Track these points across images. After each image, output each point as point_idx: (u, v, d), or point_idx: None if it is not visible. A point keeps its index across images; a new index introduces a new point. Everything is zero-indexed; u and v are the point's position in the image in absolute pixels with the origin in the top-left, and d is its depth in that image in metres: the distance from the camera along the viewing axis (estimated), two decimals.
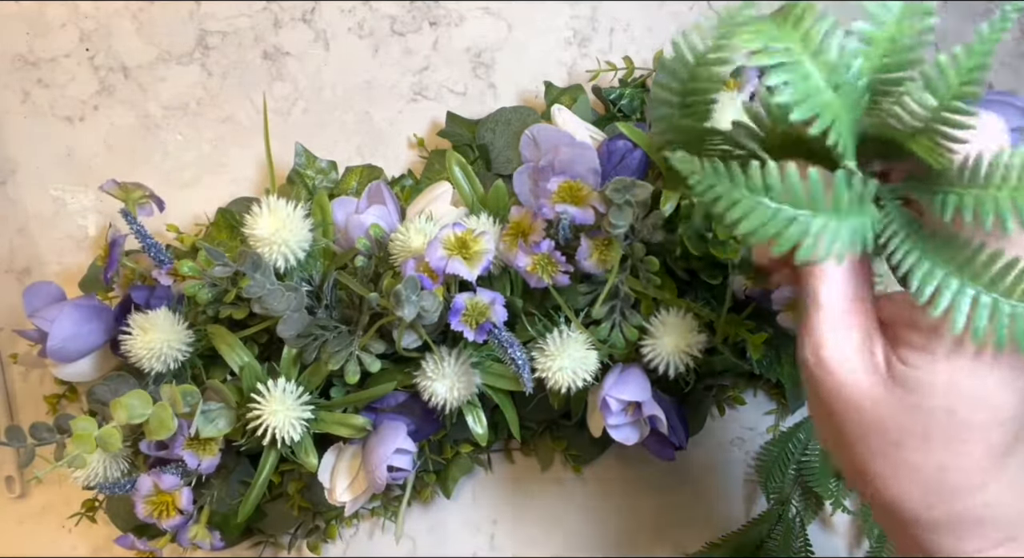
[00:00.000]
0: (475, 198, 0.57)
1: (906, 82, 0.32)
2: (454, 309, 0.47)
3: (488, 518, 0.67)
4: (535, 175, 0.53)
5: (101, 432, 0.46)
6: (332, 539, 0.65)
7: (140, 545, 0.55)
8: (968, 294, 0.30)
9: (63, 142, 0.64)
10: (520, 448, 0.67)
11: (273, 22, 0.66)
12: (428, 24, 0.67)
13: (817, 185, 0.29)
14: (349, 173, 0.63)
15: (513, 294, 0.52)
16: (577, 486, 0.67)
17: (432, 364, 0.51)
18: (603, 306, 0.50)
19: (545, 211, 0.48)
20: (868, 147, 0.33)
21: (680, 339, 0.49)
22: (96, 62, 0.64)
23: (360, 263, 0.52)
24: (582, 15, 0.67)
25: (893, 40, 0.32)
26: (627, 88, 0.62)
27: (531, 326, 0.52)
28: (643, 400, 0.50)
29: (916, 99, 0.31)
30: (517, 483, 0.67)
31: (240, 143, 0.65)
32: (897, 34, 0.32)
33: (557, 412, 0.58)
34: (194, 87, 0.65)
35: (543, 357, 0.49)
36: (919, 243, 0.32)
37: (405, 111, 0.66)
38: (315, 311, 0.52)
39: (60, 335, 0.52)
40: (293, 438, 0.51)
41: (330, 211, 0.56)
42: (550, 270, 0.49)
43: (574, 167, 0.51)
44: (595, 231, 0.48)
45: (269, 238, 0.49)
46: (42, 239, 0.63)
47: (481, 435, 0.54)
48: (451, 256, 0.47)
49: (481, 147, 0.62)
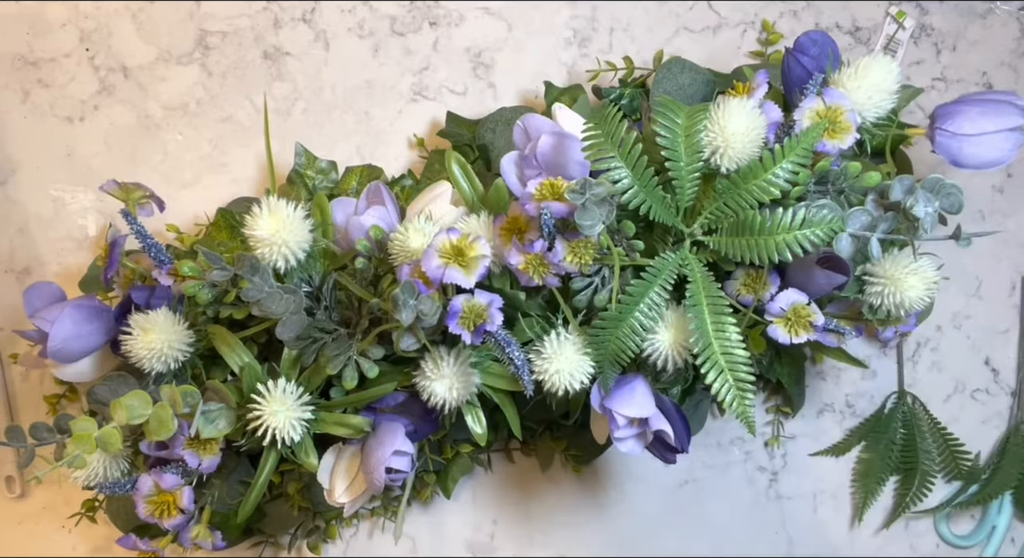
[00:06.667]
0: (475, 198, 0.57)
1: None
2: (451, 312, 0.47)
3: (488, 518, 0.67)
4: (520, 163, 0.53)
5: (101, 432, 0.46)
6: (332, 539, 0.65)
7: (142, 545, 0.55)
8: None
9: (63, 142, 0.64)
10: (520, 448, 0.67)
11: (273, 22, 0.66)
12: (428, 24, 0.66)
13: None
14: (349, 173, 0.63)
15: (514, 288, 0.52)
16: (577, 486, 0.67)
17: (431, 364, 0.51)
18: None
19: (528, 208, 0.48)
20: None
21: (679, 334, 0.49)
22: (96, 62, 0.64)
23: (360, 265, 0.52)
24: (582, 15, 0.67)
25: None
26: (627, 88, 0.62)
27: (529, 329, 0.52)
28: (649, 415, 0.50)
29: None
30: (517, 483, 0.67)
31: (240, 143, 0.65)
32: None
33: (556, 412, 0.58)
34: (194, 87, 0.65)
35: (540, 360, 0.49)
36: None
37: (405, 111, 0.66)
38: (314, 312, 0.52)
39: (60, 335, 0.51)
40: (293, 438, 0.51)
41: (329, 212, 0.56)
42: (541, 271, 0.49)
43: (555, 156, 0.51)
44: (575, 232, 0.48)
45: (269, 238, 0.49)
46: (42, 239, 0.63)
47: (481, 435, 0.54)
48: (448, 264, 0.47)
49: (481, 147, 0.62)
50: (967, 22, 0.70)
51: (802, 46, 0.56)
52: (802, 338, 0.50)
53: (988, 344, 0.70)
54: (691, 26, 0.68)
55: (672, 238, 0.51)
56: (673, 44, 0.68)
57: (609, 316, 0.48)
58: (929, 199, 0.48)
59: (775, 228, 0.47)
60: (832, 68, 0.54)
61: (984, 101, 0.53)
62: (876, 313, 0.51)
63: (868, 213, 0.49)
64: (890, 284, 0.49)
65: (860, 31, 0.69)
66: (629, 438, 0.52)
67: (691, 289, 0.48)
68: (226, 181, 0.65)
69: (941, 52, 0.70)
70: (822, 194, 0.52)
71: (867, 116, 0.53)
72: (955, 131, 0.53)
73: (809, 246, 0.46)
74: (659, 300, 0.48)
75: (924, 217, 0.47)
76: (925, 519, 0.70)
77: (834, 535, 0.69)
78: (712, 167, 0.49)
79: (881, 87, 0.52)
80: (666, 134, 0.49)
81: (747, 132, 0.49)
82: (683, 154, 0.49)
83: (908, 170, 0.63)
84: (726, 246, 0.48)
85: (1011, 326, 0.70)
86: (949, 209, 0.49)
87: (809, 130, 0.49)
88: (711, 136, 0.49)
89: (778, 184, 0.47)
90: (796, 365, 0.64)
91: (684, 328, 0.49)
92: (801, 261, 0.50)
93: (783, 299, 0.50)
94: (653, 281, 0.48)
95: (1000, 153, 0.53)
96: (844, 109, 0.51)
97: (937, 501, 0.69)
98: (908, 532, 0.70)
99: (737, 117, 0.49)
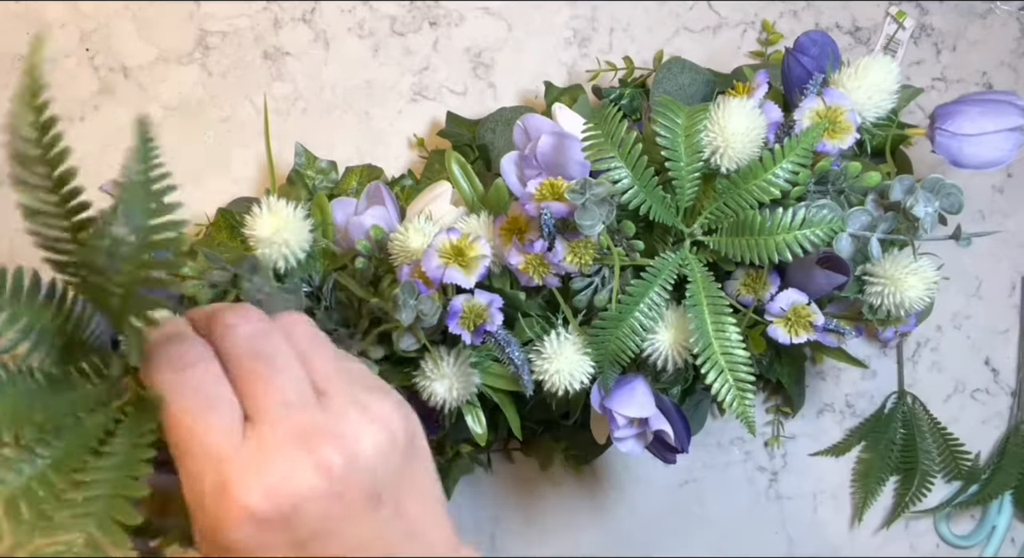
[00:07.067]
0: (475, 198, 0.57)
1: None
2: (451, 312, 0.47)
3: (488, 518, 0.67)
4: (520, 163, 0.53)
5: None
6: None
7: (140, 546, 0.55)
8: None
9: (63, 142, 0.64)
10: (520, 448, 0.67)
11: (273, 22, 0.66)
12: (428, 24, 0.66)
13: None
14: (349, 173, 0.63)
15: (514, 288, 0.52)
16: (577, 486, 0.67)
17: (431, 364, 0.51)
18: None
19: (528, 208, 0.48)
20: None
21: (679, 334, 0.49)
22: (96, 62, 0.64)
23: (360, 265, 0.52)
24: (582, 15, 0.67)
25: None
26: (627, 88, 0.62)
27: (529, 329, 0.52)
28: (649, 415, 0.50)
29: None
30: (517, 483, 0.67)
31: (240, 143, 0.65)
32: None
33: (556, 412, 0.58)
34: (194, 87, 0.65)
35: (540, 360, 0.49)
36: None
37: (405, 111, 0.66)
38: (315, 313, 0.52)
39: None
40: None
41: (330, 211, 0.56)
42: (541, 271, 0.49)
43: (555, 156, 0.51)
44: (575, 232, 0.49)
45: (270, 238, 0.49)
46: None
47: (481, 435, 0.54)
48: (448, 265, 0.47)
49: (481, 147, 0.62)
50: (967, 22, 0.70)
51: (802, 46, 0.56)
52: (802, 338, 0.50)
53: (988, 344, 0.70)
54: (691, 26, 0.68)
55: (672, 238, 0.51)
56: (673, 44, 0.68)
57: (609, 316, 0.48)
58: (929, 199, 0.48)
59: (775, 228, 0.47)
60: (832, 68, 0.54)
61: (984, 101, 0.53)
62: (876, 313, 0.51)
63: (868, 213, 0.49)
64: (890, 284, 0.49)
65: (860, 31, 0.69)
66: (629, 438, 0.52)
67: (691, 289, 0.48)
68: (226, 181, 0.65)
69: (941, 52, 0.70)
70: (822, 194, 0.52)
71: (867, 116, 0.53)
72: (955, 131, 0.53)
73: (809, 246, 0.46)
74: (659, 300, 0.48)
75: (924, 217, 0.47)
76: (925, 519, 0.70)
77: (834, 535, 0.69)
78: (712, 167, 0.49)
79: (881, 87, 0.52)
80: (666, 134, 0.49)
81: (747, 132, 0.49)
82: (683, 154, 0.49)
83: (908, 170, 0.63)
84: (726, 246, 0.48)
85: (1011, 326, 0.70)
86: (949, 209, 0.49)
87: (809, 130, 0.49)
88: (711, 136, 0.49)
89: (778, 184, 0.47)
90: (796, 365, 0.64)
91: (684, 328, 0.49)
92: (801, 261, 0.50)
93: (783, 299, 0.50)
94: (653, 281, 0.48)
95: (1000, 153, 0.53)
96: (844, 109, 0.51)
97: (937, 501, 0.69)
98: (908, 532, 0.70)
99: (737, 117, 0.49)
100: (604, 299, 0.50)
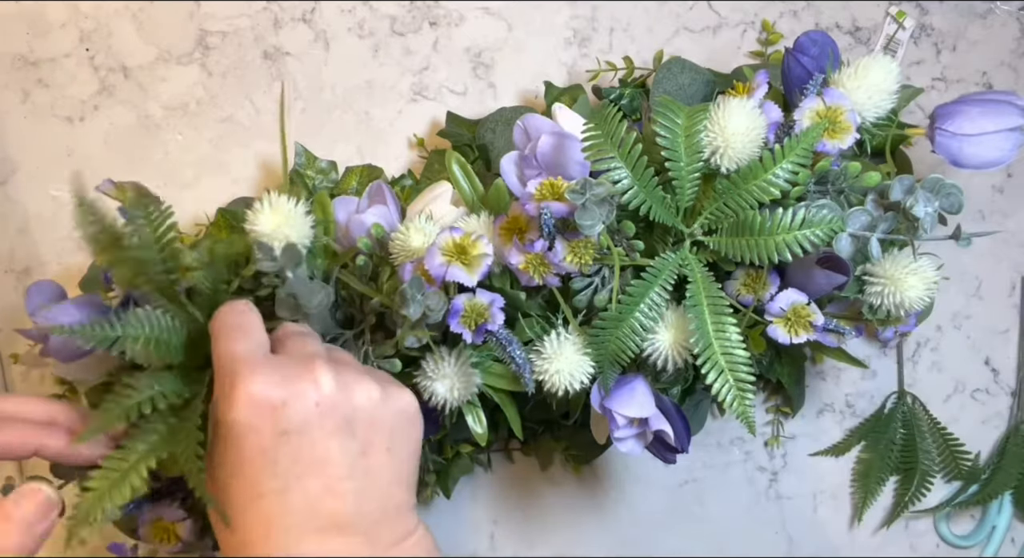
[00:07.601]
0: (475, 198, 0.57)
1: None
2: (453, 311, 0.47)
3: (488, 518, 0.67)
4: (520, 163, 0.53)
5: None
6: None
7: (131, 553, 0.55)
8: None
9: (63, 142, 0.64)
10: (520, 448, 0.67)
11: (273, 22, 0.66)
12: (428, 24, 0.66)
13: None
14: (349, 173, 0.63)
15: (515, 288, 0.52)
16: (577, 486, 0.67)
17: (432, 364, 0.51)
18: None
19: (528, 208, 0.48)
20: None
21: (679, 334, 0.49)
22: (96, 62, 0.65)
23: (360, 262, 0.52)
24: (582, 15, 0.67)
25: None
26: (627, 88, 0.62)
27: (530, 329, 0.52)
28: (649, 415, 0.50)
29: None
30: (517, 483, 0.67)
31: (240, 143, 0.65)
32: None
33: (556, 412, 0.58)
34: (194, 87, 0.65)
35: (540, 360, 0.49)
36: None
37: (405, 111, 0.66)
38: None
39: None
40: None
41: (331, 210, 0.56)
42: (541, 271, 0.49)
43: (555, 156, 0.51)
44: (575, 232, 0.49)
45: (271, 234, 0.49)
46: (42, 239, 0.63)
47: (481, 435, 0.54)
48: (450, 262, 0.47)
49: (481, 147, 0.62)
50: (967, 22, 0.70)
51: (802, 46, 0.56)
52: (802, 338, 0.50)
53: (988, 344, 0.70)
54: (691, 26, 0.68)
55: (672, 238, 0.51)
56: (673, 44, 0.68)
57: (609, 316, 0.48)
58: (929, 199, 0.48)
59: (775, 228, 0.47)
60: (832, 68, 0.55)
61: (984, 101, 0.53)
62: (876, 313, 0.51)
63: (868, 213, 0.49)
64: (890, 284, 0.49)
65: (860, 31, 0.69)
66: (629, 438, 0.52)
67: (691, 289, 0.48)
68: (226, 181, 0.65)
69: (941, 52, 0.70)
70: (822, 194, 0.52)
71: (867, 116, 0.53)
72: (955, 131, 0.53)
73: (809, 246, 0.46)
74: (659, 300, 0.48)
75: (924, 217, 0.47)
76: (925, 519, 0.70)
77: (834, 535, 0.69)
78: (712, 167, 0.50)
79: (881, 87, 0.52)
80: (666, 134, 0.49)
81: (747, 132, 0.49)
82: (683, 154, 0.49)
83: (908, 170, 0.63)
84: (726, 246, 0.48)
85: (1011, 326, 0.70)
86: (949, 209, 0.49)
87: (809, 130, 0.49)
88: (711, 136, 0.49)
89: (778, 184, 0.48)
90: (796, 365, 0.64)
91: (684, 328, 0.49)
92: (801, 261, 0.50)
93: (783, 299, 0.50)
94: (653, 281, 0.48)
95: (1000, 153, 0.53)
96: (844, 109, 0.51)
97: (937, 501, 0.69)
98: (908, 532, 0.70)
99: (737, 117, 0.49)
100: (604, 299, 0.50)
